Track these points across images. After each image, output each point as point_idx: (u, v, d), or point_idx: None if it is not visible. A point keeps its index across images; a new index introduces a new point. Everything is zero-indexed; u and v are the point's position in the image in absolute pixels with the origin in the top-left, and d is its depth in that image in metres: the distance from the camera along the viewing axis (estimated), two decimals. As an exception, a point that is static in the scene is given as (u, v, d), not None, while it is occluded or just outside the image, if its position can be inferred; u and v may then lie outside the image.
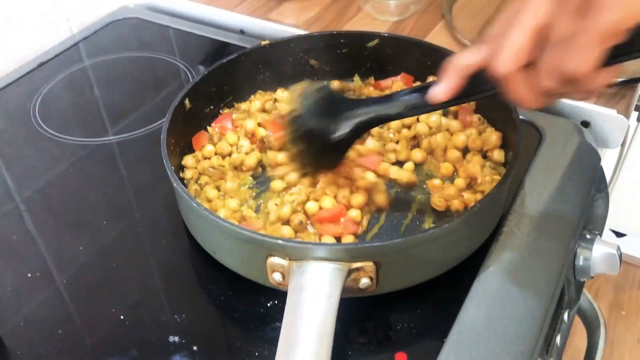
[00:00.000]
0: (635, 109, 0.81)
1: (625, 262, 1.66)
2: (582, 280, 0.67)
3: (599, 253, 0.65)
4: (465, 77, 0.50)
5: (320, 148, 0.59)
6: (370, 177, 0.65)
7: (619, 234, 1.68)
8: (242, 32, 0.97)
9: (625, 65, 0.69)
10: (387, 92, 0.75)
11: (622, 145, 0.79)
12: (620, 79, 0.79)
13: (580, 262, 0.65)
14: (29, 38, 0.93)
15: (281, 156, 0.66)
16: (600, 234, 0.68)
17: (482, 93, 0.51)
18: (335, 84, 0.77)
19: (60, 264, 0.62)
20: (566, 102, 0.77)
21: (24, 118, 0.81)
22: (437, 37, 0.90)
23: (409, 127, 0.70)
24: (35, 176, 0.72)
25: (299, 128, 0.59)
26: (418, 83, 0.76)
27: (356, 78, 0.78)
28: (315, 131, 0.58)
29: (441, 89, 0.51)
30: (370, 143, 0.68)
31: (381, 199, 0.63)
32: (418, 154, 0.68)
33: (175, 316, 0.56)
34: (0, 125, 0.81)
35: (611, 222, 1.53)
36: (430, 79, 0.74)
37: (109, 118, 0.81)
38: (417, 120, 0.70)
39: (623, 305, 1.62)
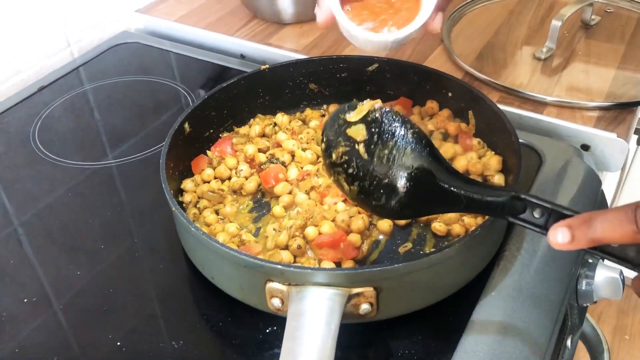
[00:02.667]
0: (635, 132, 0.81)
1: (628, 285, 1.65)
2: (585, 305, 0.67)
3: (601, 277, 0.64)
4: (594, 245, 0.43)
5: (368, 194, 0.52)
6: None
7: (621, 258, 1.67)
8: (242, 56, 0.98)
9: (625, 88, 0.68)
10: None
11: (622, 168, 0.79)
12: (619, 102, 0.79)
13: (582, 286, 0.64)
14: (29, 62, 0.94)
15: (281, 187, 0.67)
16: (603, 259, 0.68)
17: (605, 255, 0.44)
18: (334, 108, 0.78)
19: (57, 289, 0.61)
20: (566, 125, 0.77)
21: (23, 142, 0.81)
22: (436, 61, 0.90)
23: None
24: (34, 200, 0.72)
25: (352, 160, 0.52)
26: (417, 107, 0.76)
27: (355, 102, 0.78)
28: (369, 173, 0.51)
29: (565, 246, 0.43)
30: None
31: (385, 226, 0.63)
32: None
33: (173, 342, 0.55)
34: (0, 148, 0.81)
35: (613, 246, 1.52)
36: (429, 103, 0.75)
37: (108, 142, 0.81)
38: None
39: (626, 330, 1.60)
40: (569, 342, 0.64)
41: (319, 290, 0.50)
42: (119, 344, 0.55)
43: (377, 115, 0.52)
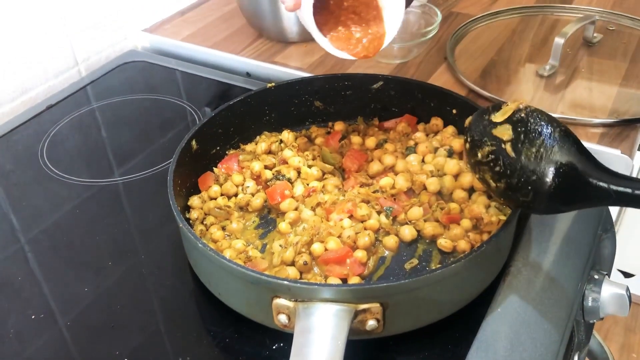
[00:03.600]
0: (639, 149, 0.81)
1: (635, 303, 1.64)
2: (591, 321, 0.66)
3: (607, 294, 0.64)
4: None
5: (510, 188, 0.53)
6: (384, 219, 0.65)
7: (626, 274, 1.66)
8: (248, 74, 0.99)
9: (628, 105, 0.68)
10: (392, 133, 0.76)
11: (627, 185, 0.79)
12: (622, 118, 0.79)
13: (589, 303, 0.64)
14: (38, 81, 0.95)
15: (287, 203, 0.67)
16: (609, 275, 0.68)
17: None
18: (339, 126, 0.78)
19: (64, 306, 0.62)
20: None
21: (31, 159, 0.82)
22: (440, 78, 0.91)
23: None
24: (41, 217, 0.72)
25: (499, 159, 0.53)
26: (422, 124, 0.77)
27: (360, 119, 0.79)
28: (517, 171, 0.52)
29: None
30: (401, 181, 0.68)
31: (391, 242, 0.63)
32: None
33: (180, 358, 0.55)
34: (9, 166, 0.81)
35: (618, 263, 1.51)
36: (433, 120, 0.75)
37: (115, 159, 0.82)
38: (423, 161, 0.71)
39: (634, 348, 1.59)
40: (576, 359, 0.64)
41: (326, 306, 0.50)
42: (125, 360, 0.55)
43: (522, 115, 0.53)
